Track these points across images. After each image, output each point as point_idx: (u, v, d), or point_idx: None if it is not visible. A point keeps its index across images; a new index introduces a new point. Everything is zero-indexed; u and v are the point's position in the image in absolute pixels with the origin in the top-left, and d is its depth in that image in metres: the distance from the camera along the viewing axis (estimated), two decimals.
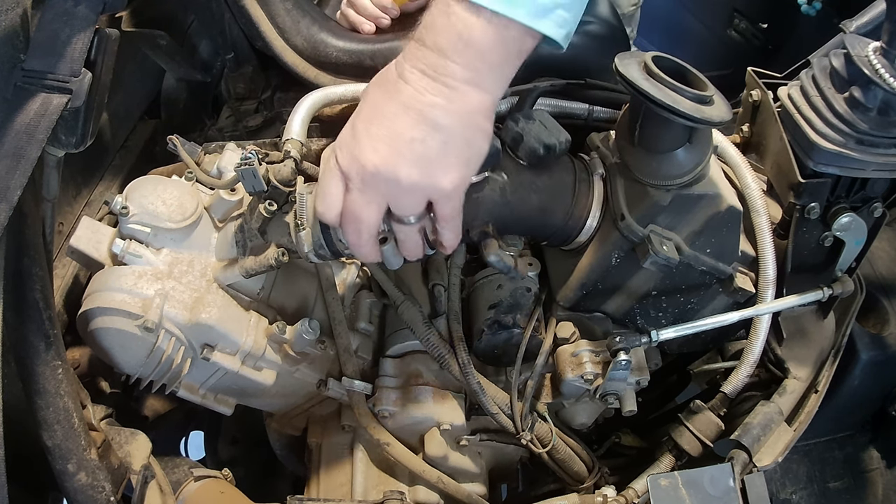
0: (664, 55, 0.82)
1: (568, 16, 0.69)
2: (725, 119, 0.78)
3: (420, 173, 0.69)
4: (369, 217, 0.72)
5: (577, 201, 0.88)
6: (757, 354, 0.97)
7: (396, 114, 0.69)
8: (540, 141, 0.83)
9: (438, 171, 0.69)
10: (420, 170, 0.69)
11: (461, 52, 0.66)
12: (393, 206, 0.72)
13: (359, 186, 0.70)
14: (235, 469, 1.02)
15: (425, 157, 0.68)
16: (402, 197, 0.71)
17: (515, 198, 0.84)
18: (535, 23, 0.67)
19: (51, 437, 0.76)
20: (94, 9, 0.76)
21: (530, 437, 0.97)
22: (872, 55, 0.80)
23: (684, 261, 0.87)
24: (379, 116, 0.70)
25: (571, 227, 0.89)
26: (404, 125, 0.68)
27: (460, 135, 0.69)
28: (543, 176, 0.86)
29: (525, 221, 0.88)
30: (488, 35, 0.66)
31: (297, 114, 0.94)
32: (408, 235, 0.76)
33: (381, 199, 0.71)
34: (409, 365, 1.02)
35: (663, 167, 0.83)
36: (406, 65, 0.69)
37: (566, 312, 0.98)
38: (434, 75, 0.67)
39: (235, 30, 1.18)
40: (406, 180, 0.69)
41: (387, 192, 0.71)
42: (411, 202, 0.72)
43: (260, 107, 1.22)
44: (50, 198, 0.84)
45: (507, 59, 0.69)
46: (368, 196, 0.71)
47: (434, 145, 0.68)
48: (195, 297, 0.88)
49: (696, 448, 0.97)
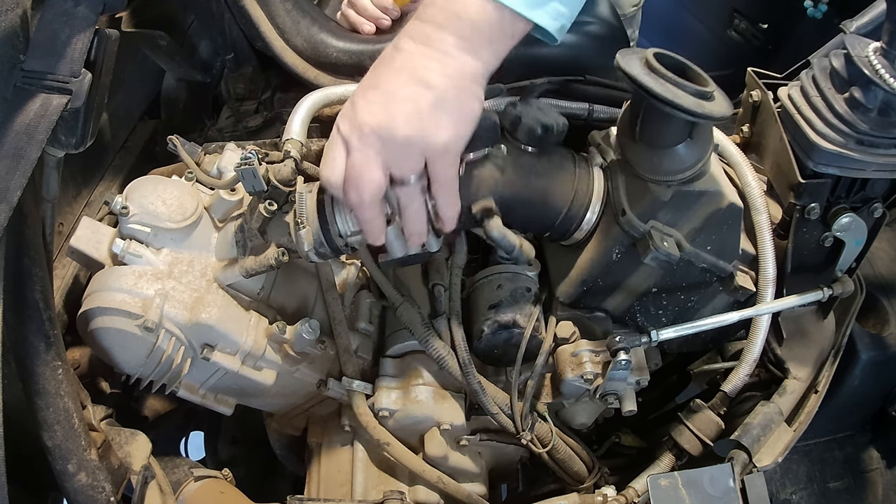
0: (666, 52, 0.82)
1: (564, 10, 0.74)
2: (726, 115, 0.78)
3: (414, 128, 0.72)
4: (370, 176, 0.74)
5: (577, 189, 0.88)
6: (756, 354, 0.97)
7: (390, 77, 0.73)
8: (538, 121, 0.84)
9: (431, 126, 0.72)
10: (413, 125, 0.72)
11: (455, 24, 0.71)
12: (392, 167, 0.74)
13: (357, 147, 0.73)
14: (235, 469, 1.02)
15: (418, 114, 0.71)
16: (399, 154, 0.73)
17: (517, 177, 0.85)
18: (530, 12, 0.71)
19: (51, 437, 0.76)
20: (93, 9, 0.76)
21: (530, 437, 0.97)
22: (872, 55, 0.80)
23: (685, 258, 0.87)
24: (374, 83, 0.74)
25: (572, 217, 0.89)
26: (397, 85, 0.72)
27: (452, 96, 0.72)
28: (543, 160, 0.87)
29: (527, 205, 0.87)
30: (483, 14, 0.71)
31: (297, 114, 0.94)
32: (410, 200, 0.78)
33: (379, 157, 0.73)
34: (409, 365, 1.02)
35: (664, 163, 0.83)
36: (402, 37, 0.74)
37: (566, 312, 0.98)
38: (429, 42, 0.72)
39: (235, 30, 1.18)
40: (400, 135, 0.72)
41: (384, 151, 0.73)
42: (408, 159, 0.74)
43: (260, 107, 1.22)
44: (50, 198, 0.84)
45: (500, 38, 0.73)
46: (367, 155, 0.73)
47: (426, 103, 0.71)
48: (195, 297, 0.88)
49: (697, 447, 0.97)
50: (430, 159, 0.75)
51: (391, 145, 0.72)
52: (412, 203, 0.78)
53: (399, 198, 0.78)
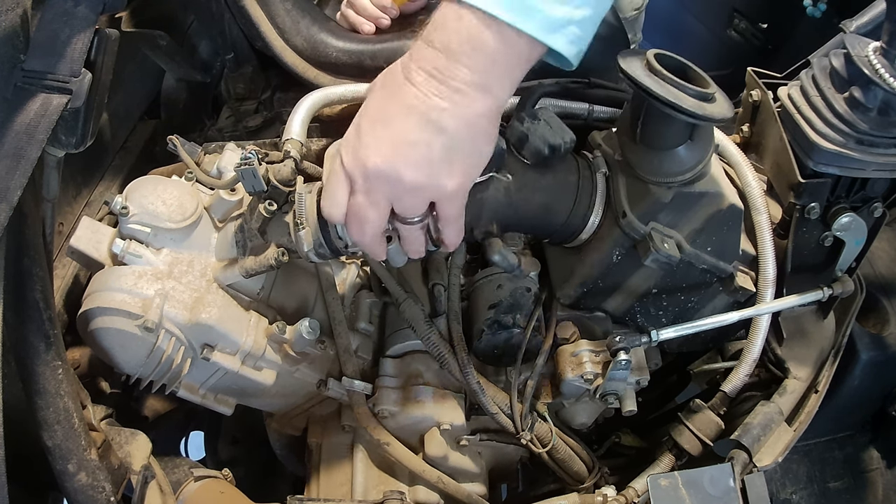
0: (667, 53, 0.82)
1: (581, 33, 0.68)
2: (727, 116, 0.78)
3: (423, 175, 0.69)
4: (373, 218, 0.73)
5: (580, 200, 0.88)
6: (756, 353, 0.97)
7: (401, 115, 0.68)
8: (545, 141, 0.83)
9: (442, 173, 0.70)
10: (423, 172, 0.69)
11: (469, 55, 0.66)
12: (396, 207, 0.73)
13: (362, 188, 0.71)
14: (235, 469, 1.02)
15: (428, 160, 0.69)
16: (405, 198, 0.72)
17: (519, 197, 0.85)
18: (546, 38, 0.66)
19: (51, 437, 0.76)
20: (94, 9, 0.76)
21: (530, 437, 0.97)
22: (872, 55, 0.80)
23: (685, 259, 0.87)
24: (383, 117, 0.70)
25: (574, 226, 0.89)
26: (409, 127, 0.68)
27: (465, 138, 0.69)
28: (548, 175, 0.86)
29: (529, 220, 0.88)
30: (498, 42, 0.65)
31: (297, 114, 0.94)
32: (411, 234, 0.77)
33: (385, 199, 0.72)
34: (409, 365, 1.02)
35: (665, 164, 0.83)
36: (412, 65, 0.68)
37: (566, 312, 0.98)
38: (441, 78, 0.67)
39: (235, 30, 1.18)
40: (409, 182, 0.69)
41: (390, 193, 0.71)
42: (414, 203, 0.73)
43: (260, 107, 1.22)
44: (50, 198, 0.84)
45: (516, 66, 0.69)
46: (372, 197, 0.71)
47: (438, 148, 0.68)
48: (195, 297, 0.88)
49: (696, 447, 0.97)
50: (438, 201, 0.73)
51: (398, 189, 0.70)
52: (414, 234, 0.78)
53: (400, 230, 0.77)
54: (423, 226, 0.77)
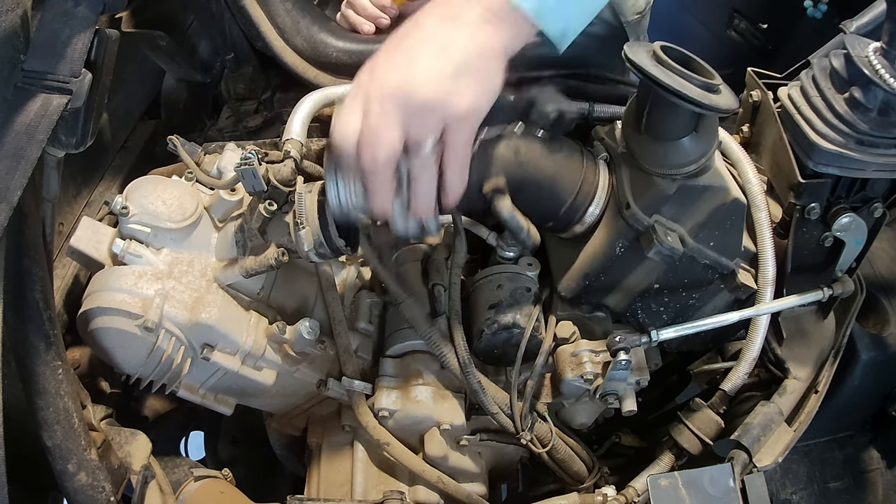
0: (672, 45, 0.82)
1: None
2: (732, 108, 0.78)
3: (435, 91, 0.71)
4: (386, 140, 0.73)
5: (584, 179, 0.88)
6: (756, 353, 0.97)
7: (415, 44, 0.73)
8: (552, 106, 0.84)
9: (453, 91, 0.72)
10: (436, 87, 0.71)
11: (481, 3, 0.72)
12: (409, 130, 0.73)
13: (376, 107, 0.72)
14: (235, 469, 1.02)
15: (440, 79, 0.71)
16: (418, 117, 0.72)
17: (528, 160, 0.85)
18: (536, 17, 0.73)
19: (51, 437, 0.76)
20: (94, 9, 0.76)
21: (530, 437, 0.97)
22: (872, 55, 0.80)
23: (688, 253, 0.87)
24: (397, 48, 0.74)
25: (577, 207, 0.89)
26: (422, 52, 0.72)
27: (475, 65, 0.72)
28: (555, 145, 0.87)
29: (535, 189, 0.87)
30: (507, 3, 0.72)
31: (298, 114, 0.94)
32: (422, 169, 0.76)
33: (398, 122, 0.72)
34: (409, 365, 1.02)
35: (669, 155, 0.83)
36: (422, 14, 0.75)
37: (566, 312, 0.98)
38: (453, 15, 0.73)
39: (235, 30, 1.18)
40: (421, 96, 0.71)
41: (403, 112, 0.72)
42: (427, 123, 0.73)
43: (260, 107, 1.22)
44: (50, 198, 0.84)
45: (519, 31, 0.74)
46: (385, 115, 0.72)
47: (450, 70, 0.71)
48: (195, 297, 0.88)
49: (696, 446, 0.97)
50: (448, 125, 0.74)
51: (411, 107, 0.72)
52: (424, 172, 0.77)
53: (411, 166, 0.76)
54: (435, 159, 0.76)
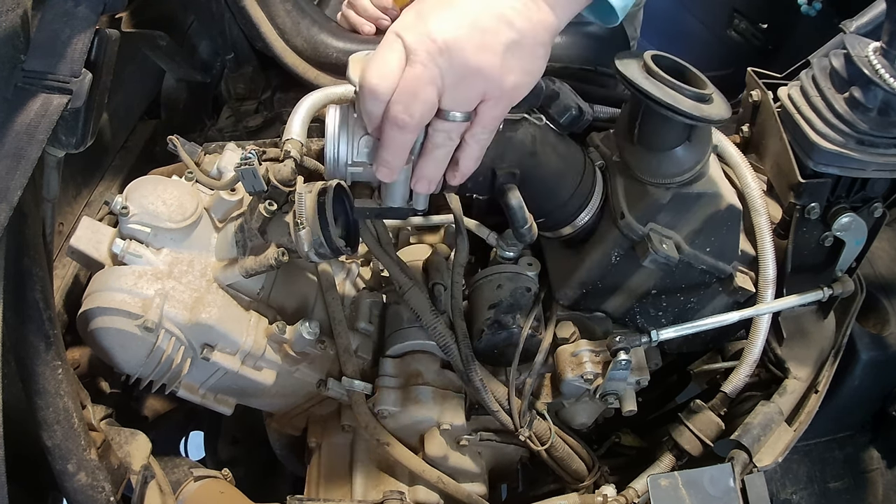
0: (664, 54, 0.82)
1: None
2: (724, 117, 0.78)
3: (488, 60, 0.67)
4: (427, 95, 0.67)
5: (583, 180, 0.88)
6: (757, 354, 0.97)
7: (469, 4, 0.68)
8: (574, 101, 0.84)
9: (503, 66, 0.68)
10: (489, 56, 0.67)
11: None
12: (448, 94, 0.68)
13: (424, 60, 0.66)
14: (235, 469, 1.02)
15: (494, 49, 0.67)
16: (462, 82, 0.67)
17: (542, 151, 0.85)
18: None
19: (51, 437, 0.76)
20: (94, 9, 0.76)
21: (528, 434, 0.96)
22: (872, 55, 0.80)
23: (684, 259, 0.87)
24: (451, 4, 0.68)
25: (572, 207, 0.89)
26: (481, 13, 0.67)
27: (528, 42, 0.69)
28: (567, 142, 0.87)
29: (540, 183, 0.87)
30: None
31: (298, 114, 0.94)
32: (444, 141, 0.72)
33: (443, 79, 0.67)
34: (409, 365, 1.02)
35: (663, 165, 0.83)
36: None
37: (566, 312, 0.98)
38: None
39: (235, 30, 1.18)
40: (474, 64, 0.66)
41: (448, 73, 0.67)
42: (468, 91, 0.68)
43: (260, 107, 1.22)
44: (50, 198, 0.84)
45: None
46: (431, 72, 0.66)
47: (504, 41, 0.67)
48: (195, 297, 0.88)
49: (697, 447, 0.97)
50: (486, 99, 0.69)
51: (459, 69, 0.66)
52: (446, 142, 0.72)
53: (434, 132, 0.71)
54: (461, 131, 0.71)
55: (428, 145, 0.73)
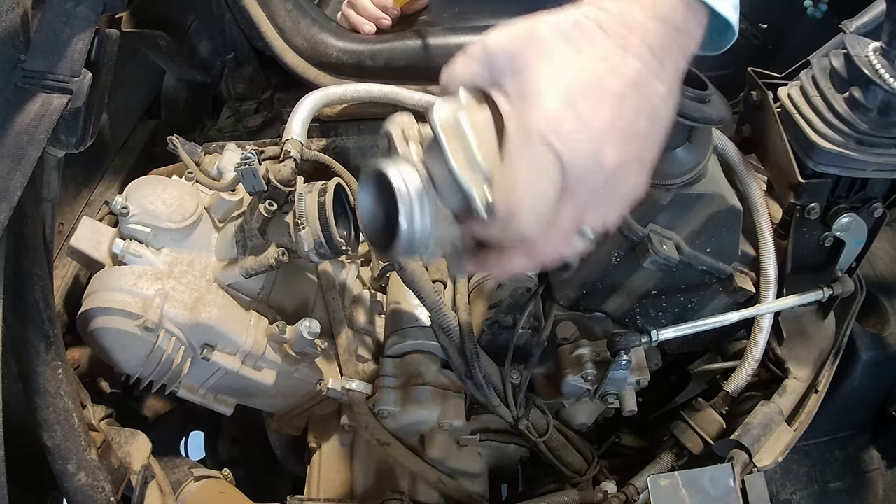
0: None
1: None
2: (725, 118, 0.78)
3: (644, 177, 0.55)
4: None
5: None
6: (759, 353, 0.97)
7: (625, 95, 0.51)
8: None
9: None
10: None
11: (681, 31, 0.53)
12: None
13: (590, 192, 0.52)
14: (235, 469, 1.02)
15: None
16: (614, 206, 0.55)
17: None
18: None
19: (51, 437, 0.76)
20: (94, 9, 0.76)
21: (526, 424, 0.96)
22: (872, 55, 0.80)
23: (684, 260, 0.87)
24: (601, 92, 0.50)
25: None
26: (633, 111, 0.51)
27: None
28: None
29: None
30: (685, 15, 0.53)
31: (298, 114, 0.94)
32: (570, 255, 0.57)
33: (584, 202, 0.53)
34: (409, 365, 1.02)
35: (663, 166, 0.83)
36: (634, 35, 0.51)
37: (566, 312, 0.98)
38: (661, 57, 0.52)
39: (235, 30, 1.18)
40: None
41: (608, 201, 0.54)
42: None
43: (260, 107, 1.22)
44: (50, 198, 0.84)
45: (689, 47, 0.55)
46: (596, 205, 0.53)
47: (652, 140, 0.54)
48: (195, 297, 0.88)
49: (698, 445, 0.97)
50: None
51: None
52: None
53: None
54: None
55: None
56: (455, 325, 0.93)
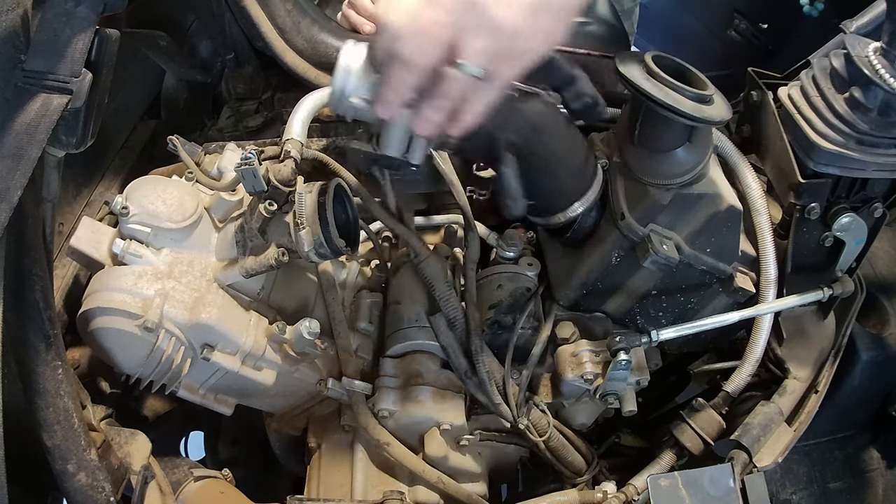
0: (664, 55, 0.82)
1: None
2: (725, 118, 0.78)
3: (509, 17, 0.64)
4: (440, 34, 0.65)
5: (584, 170, 0.87)
6: (759, 353, 0.97)
7: None
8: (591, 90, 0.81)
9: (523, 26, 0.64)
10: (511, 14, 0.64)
11: None
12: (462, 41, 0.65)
13: (447, 5, 0.64)
14: (235, 469, 1.02)
15: (521, 5, 0.64)
16: (481, 35, 0.65)
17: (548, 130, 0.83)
18: None
19: (51, 437, 0.76)
20: (94, 9, 0.76)
21: (526, 423, 0.96)
22: (872, 55, 0.80)
23: (684, 260, 0.87)
24: None
25: (568, 197, 0.88)
26: None
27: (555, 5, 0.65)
28: (572, 129, 0.86)
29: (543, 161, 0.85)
30: None
31: (298, 114, 0.94)
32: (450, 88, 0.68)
33: (460, 29, 0.65)
34: (409, 365, 1.01)
35: (663, 166, 0.83)
36: None
37: (566, 312, 0.98)
38: None
39: (235, 30, 1.18)
40: (495, 16, 0.64)
41: (470, 24, 0.64)
42: (483, 44, 0.65)
43: (260, 107, 1.22)
44: (50, 198, 0.84)
45: None
46: (451, 19, 0.64)
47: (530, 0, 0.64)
48: (195, 297, 0.88)
49: (698, 446, 0.97)
50: (500, 57, 0.66)
51: (479, 21, 0.64)
52: (450, 95, 0.69)
53: (443, 82, 0.68)
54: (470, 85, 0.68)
55: (435, 91, 0.69)
56: (462, 317, 0.93)
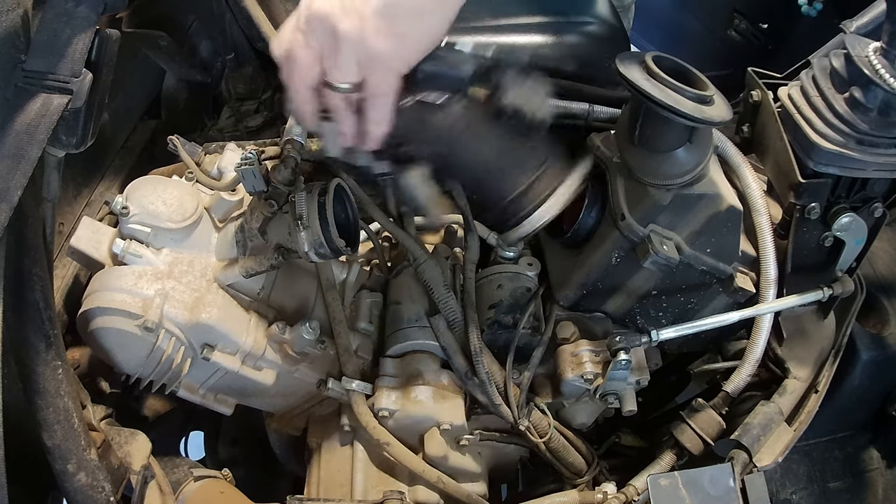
0: (665, 55, 0.82)
1: None
2: (725, 119, 0.78)
3: (352, 25, 0.67)
4: (302, 59, 0.71)
5: (537, 180, 0.85)
6: (759, 353, 0.97)
7: None
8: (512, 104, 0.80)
9: (372, 30, 0.67)
10: (354, 22, 0.67)
11: None
12: (326, 62, 0.71)
13: (302, 27, 0.70)
14: (235, 469, 1.02)
15: (362, 13, 0.67)
16: (335, 49, 0.69)
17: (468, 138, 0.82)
18: None
19: (51, 437, 0.76)
20: (94, 9, 0.76)
21: (527, 425, 0.96)
22: (872, 55, 0.80)
23: (684, 260, 0.87)
24: None
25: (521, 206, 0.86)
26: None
27: (404, 7, 0.68)
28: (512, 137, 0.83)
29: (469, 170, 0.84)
30: None
31: None
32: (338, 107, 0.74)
33: (317, 47, 0.70)
34: (409, 365, 1.01)
35: (664, 167, 0.83)
36: None
37: (566, 312, 0.98)
38: None
39: (236, 30, 1.18)
40: (338, 28, 0.67)
41: (322, 40, 0.69)
42: (342, 59, 0.70)
43: (260, 107, 1.22)
44: (50, 198, 0.84)
45: None
46: (307, 38, 0.70)
47: (374, 6, 0.67)
48: (195, 297, 0.88)
49: (698, 446, 0.97)
50: (361, 65, 0.70)
51: (330, 38, 0.68)
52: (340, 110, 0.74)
53: (328, 101, 0.74)
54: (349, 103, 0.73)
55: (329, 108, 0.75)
56: (461, 319, 0.93)
